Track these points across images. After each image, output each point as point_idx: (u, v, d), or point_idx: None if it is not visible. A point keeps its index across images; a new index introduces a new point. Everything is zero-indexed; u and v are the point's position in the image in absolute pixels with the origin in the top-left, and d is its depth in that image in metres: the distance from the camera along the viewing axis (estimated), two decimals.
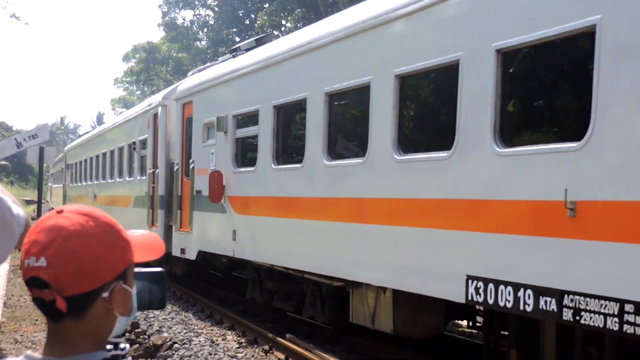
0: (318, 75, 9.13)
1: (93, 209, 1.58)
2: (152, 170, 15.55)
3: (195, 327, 11.94)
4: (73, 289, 1.47)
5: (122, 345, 1.70)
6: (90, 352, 1.52)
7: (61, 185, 33.99)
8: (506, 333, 6.98)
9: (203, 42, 62.25)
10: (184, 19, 62.60)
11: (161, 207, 14.81)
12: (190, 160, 13.30)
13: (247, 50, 12.75)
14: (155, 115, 15.56)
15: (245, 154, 11.50)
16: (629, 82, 5.09)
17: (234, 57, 13.12)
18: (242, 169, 11.22)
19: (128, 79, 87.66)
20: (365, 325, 8.80)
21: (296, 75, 9.80)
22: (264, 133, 10.41)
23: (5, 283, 17.21)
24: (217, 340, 10.95)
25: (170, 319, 12.67)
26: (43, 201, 28.52)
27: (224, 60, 13.74)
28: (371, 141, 7.91)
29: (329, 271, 8.89)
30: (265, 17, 52.11)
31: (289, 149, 10.28)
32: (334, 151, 8.92)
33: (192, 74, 16.06)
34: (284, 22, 55.30)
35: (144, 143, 16.53)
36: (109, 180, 20.63)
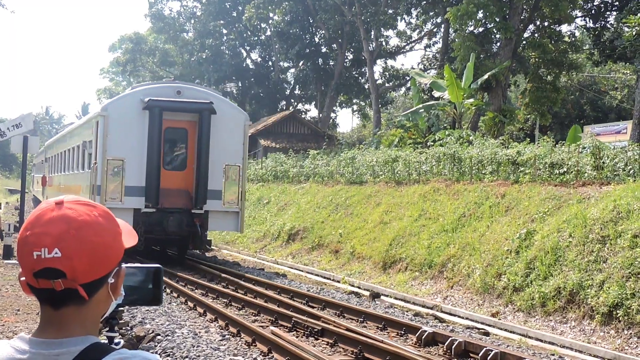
0: (68, 143, 25.83)
1: (87, 199, 1.63)
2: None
3: (178, 319, 11.93)
4: (87, 277, 1.54)
5: (116, 340, 1.72)
6: (82, 336, 1.55)
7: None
8: None
9: (190, 34, 61.91)
10: (170, 10, 62.16)
11: None
12: (44, 174, 35.66)
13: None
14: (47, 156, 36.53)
15: (51, 170, 32.42)
16: None
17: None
18: (49, 174, 33.04)
19: (114, 70, 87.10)
20: None
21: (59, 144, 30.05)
22: (50, 164, 33.10)
23: None
24: (200, 332, 10.94)
25: (153, 311, 12.63)
26: (27, 191, 28.68)
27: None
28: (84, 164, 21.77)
29: None
30: (253, 10, 51.92)
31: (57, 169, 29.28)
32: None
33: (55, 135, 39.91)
34: (271, 14, 55.10)
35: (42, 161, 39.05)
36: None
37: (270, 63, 60.66)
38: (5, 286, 15.00)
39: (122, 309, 1.75)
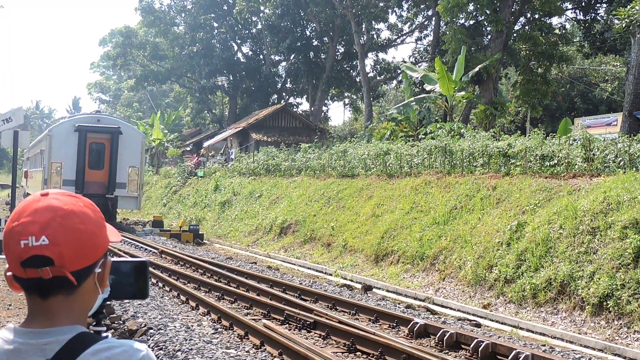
0: (37, 148, 34.71)
1: (72, 192, 1.66)
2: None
3: (171, 313, 11.93)
4: (74, 265, 1.55)
5: (104, 334, 1.74)
6: (70, 326, 1.57)
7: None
8: None
9: (181, 27, 61.71)
10: (161, 4, 61.97)
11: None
12: (27, 169, 42.32)
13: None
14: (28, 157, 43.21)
15: (30, 166, 39.52)
16: None
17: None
18: (29, 170, 40.16)
19: (104, 64, 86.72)
20: None
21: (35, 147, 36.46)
22: (30, 162, 40.50)
23: None
24: (192, 326, 10.95)
25: (145, 305, 12.63)
26: (17, 186, 28.89)
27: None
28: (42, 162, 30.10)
29: None
30: (244, 3, 51.77)
31: (34, 166, 36.16)
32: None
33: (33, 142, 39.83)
34: (262, 8, 54.96)
35: (27, 159, 44.22)
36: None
37: (261, 56, 60.55)
38: None
39: (109, 302, 1.78)
